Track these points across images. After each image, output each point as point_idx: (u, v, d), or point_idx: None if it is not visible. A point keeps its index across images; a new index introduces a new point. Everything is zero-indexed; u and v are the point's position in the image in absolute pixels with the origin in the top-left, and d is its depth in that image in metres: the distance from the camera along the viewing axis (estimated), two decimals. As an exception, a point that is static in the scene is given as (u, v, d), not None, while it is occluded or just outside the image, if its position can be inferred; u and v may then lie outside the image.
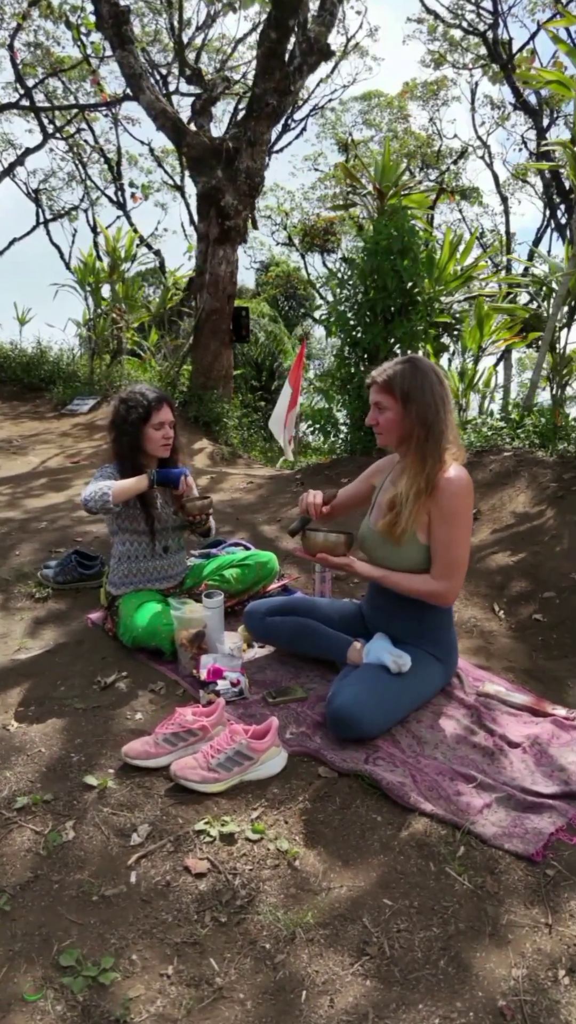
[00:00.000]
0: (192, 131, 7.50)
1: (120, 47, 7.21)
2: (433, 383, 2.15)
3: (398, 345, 5.07)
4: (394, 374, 2.16)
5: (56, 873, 1.61)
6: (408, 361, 2.19)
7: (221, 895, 1.54)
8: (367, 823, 1.77)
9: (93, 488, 2.52)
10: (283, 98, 6.98)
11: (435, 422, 2.14)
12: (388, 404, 2.18)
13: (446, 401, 2.17)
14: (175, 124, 7.42)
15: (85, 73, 13.54)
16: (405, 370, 2.16)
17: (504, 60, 15.09)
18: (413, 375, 2.14)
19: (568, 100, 16.51)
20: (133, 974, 1.37)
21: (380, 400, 2.19)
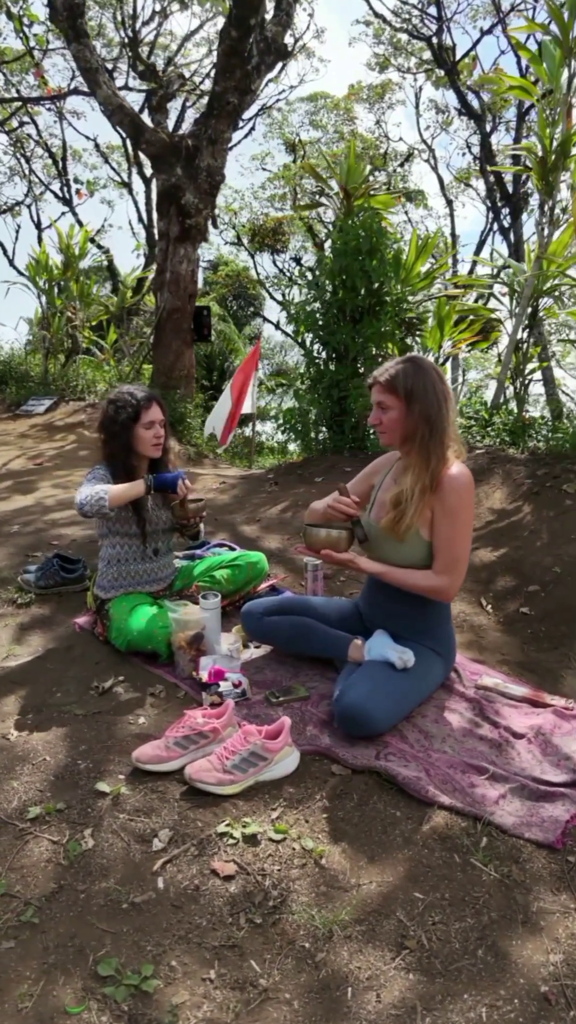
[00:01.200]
0: (150, 128, 7.41)
1: (76, 40, 7.08)
2: (435, 381, 2.19)
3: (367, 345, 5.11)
4: (396, 373, 2.18)
5: (80, 882, 1.58)
6: (409, 360, 2.22)
7: (253, 896, 1.54)
8: (387, 819, 1.78)
9: (89, 492, 2.48)
10: (243, 97, 6.97)
11: (438, 420, 2.17)
12: (391, 403, 2.20)
13: (448, 399, 2.20)
14: (133, 120, 7.33)
15: (27, 66, 13.24)
16: (407, 369, 2.18)
17: (449, 65, 15.36)
18: (416, 374, 2.17)
19: (509, 106, 16.88)
20: (175, 980, 1.35)
21: (383, 400, 2.21)
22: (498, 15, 15.22)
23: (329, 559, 2.30)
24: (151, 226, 16.16)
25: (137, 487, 2.55)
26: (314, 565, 2.87)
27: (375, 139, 19.49)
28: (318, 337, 5.22)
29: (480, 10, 15.78)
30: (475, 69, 16.32)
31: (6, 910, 1.50)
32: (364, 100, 19.42)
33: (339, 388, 5.12)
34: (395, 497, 2.22)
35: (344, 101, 19.59)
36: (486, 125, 16.44)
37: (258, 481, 5.03)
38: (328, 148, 19.06)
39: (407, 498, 2.18)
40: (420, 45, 16.30)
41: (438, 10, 14.91)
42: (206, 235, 7.51)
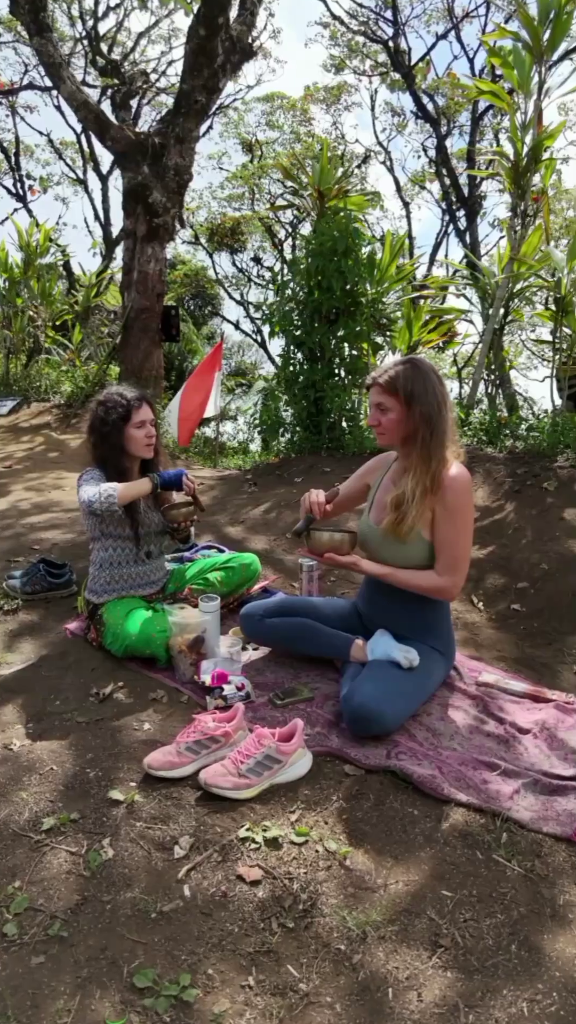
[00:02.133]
0: (116, 125, 7.31)
1: (38, 34, 6.94)
2: (435, 383, 2.20)
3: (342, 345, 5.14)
4: (396, 375, 2.19)
5: (105, 893, 1.55)
6: (409, 362, 2.23)
7: (282, 901, 1.53)
8: (405, 817, 1.79)
9: (95, 490, 2.45)
10: (211, 95, 6.92)
11: (438, 421, 2.18)
12: (391, 405, 2.21)
13: (446, 400, 2.22)
14: (98, 117, 7.21)
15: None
16: (407, 371, 2.19)
17: (405, 68, 15.53)
18: (416, 376, 2.18)
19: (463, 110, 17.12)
20: (214, 989, 1.34)
21: (382, 401, 2.22)
22: (451, 21, 15.45)
23: (332, 562, 2.30)
24: (109, 224, 15.95)
25: (144, 485, 2.53)
26: (309, 566, 2.88)
27: (331, 141, 19.56)
28: (293, 337, 5.21)
29: (434, 15, 15.96)
30: (428, 73, 16.54)
31: (32, 924, 1.47)
32: (321, 101, 19.48)
33: (315, 388, 5.13)
34: (396, 499, 2.23)
35: (301, 102, 19.62)
36: (441, 128, 16.65)
37: (236, 482, 5.01)
38: (285, 148, 19.06)
39: (408, 500, 2.19)
40: (375, 48, 16.42)
41: (394, 14, 15.06)
42: (174, 234, 7.44)
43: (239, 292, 20.75)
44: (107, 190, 16.23)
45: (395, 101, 23.06)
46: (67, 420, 7.38)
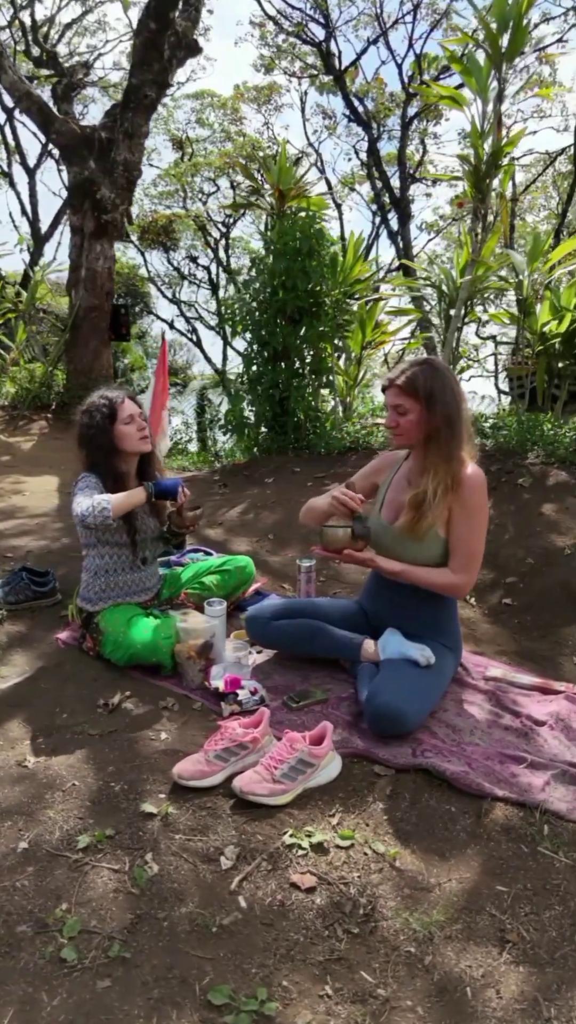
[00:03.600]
0: (60, 118, 7.13)
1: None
2: (452, 382, 2.22)
3: (306, 346, 5.14)
4: (415, 376, 2.19)
5: (159, 910, 1.50)
6: (426, 362, 2.24)
7: (342, 906, 1.52)
8: (444, 815, 1.80)
9: (89, 503, 2.36)
10: (161, 90, 6.82)
11: (457, 420, 2.21)
12: (410, 406, 2.21)
13: (463, 398, 2.25)
14: (42, 109, 7.02)
15: None
16: (425, 371, 2.20)
17: (337, 71, 15.67)
18: (434, 376, 2.19)
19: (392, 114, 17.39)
20: (292, 1000, 1.31)
21: (401, 403, 2.22)
22: (380, 27, 15.68)
23: (351, 559, 2.29)
24: (37, 220, 15.51)
25: (138, 495, 2.46)
26: (307, 567, 2.86)
27: (261, 140, 19.54)
28: (257, 337, 5.19)
29: (362, 20, 16.14)
30: (357, 77, 16.74)
31: (90, 948, 1.41)
32: (252, 101, 19.45)
33: (280, 388, 5.12)
34: (415, 497, 2.24)
35: (232, 101, 19.55)
36: (374, 132, 16.87)
37: (205, 483, 4.95)
38: (216, 147, 18.95)
39: (429, 499, 2.20)
40: (305, 49, 16.49)
41: (325, 17, 15.17)
42: (123, 232, 7.30)
43: (171, 291, 20.52)
44: (34, 184, 15.75)
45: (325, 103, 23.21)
46: (14, 422, 7.15)
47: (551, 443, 4.06)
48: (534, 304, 4.52)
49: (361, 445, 4.86)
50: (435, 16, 15.31)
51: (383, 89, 16.94)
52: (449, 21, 15.28)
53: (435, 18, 15.31)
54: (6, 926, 1.45)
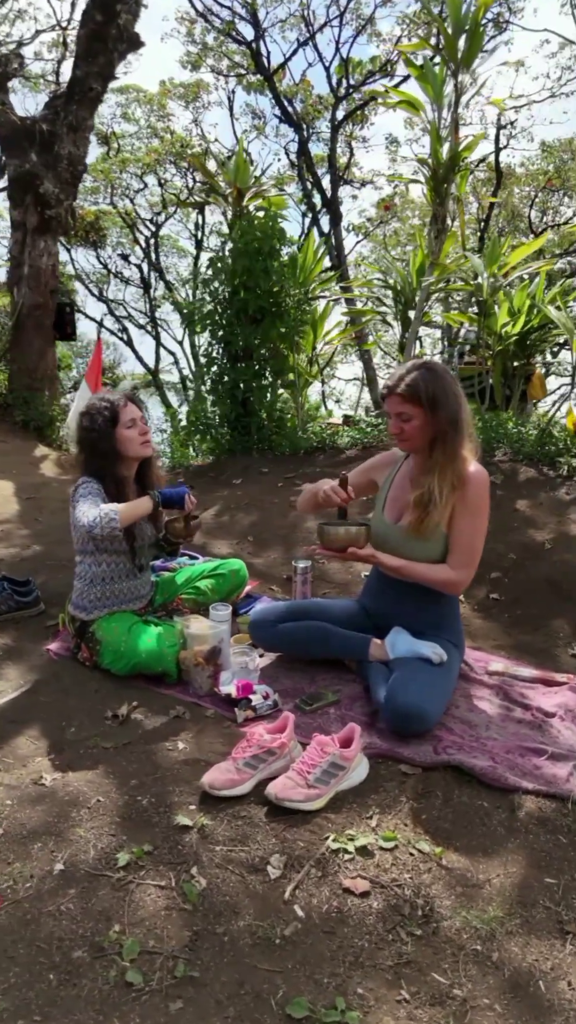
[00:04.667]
0: (-1, 109, 6.88)
1: None
2: (451, 383, 2.24)
3: (268, 346, 5.12)
4: (416, 382, 2.19)
5: (216, 925, 1.47)
6: (424, 367, 2.25)
7: (400, 909, 1.51)
8: (478, 811, 1.82)
9: (96, 513, 2.28)
10: (105, 83, 6.67)
11: (459, 421, 2.23)
12: (413, 413, 2.21)
13: (463, 398, 2.27)
14: (-22, 100, 6.76)
15: None
16: (425, 376, 2.21)
17: (268, 72, 15.68)
18: (435, 380, 2.21)
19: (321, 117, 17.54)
20: (371, 1008, 1.30)
21: (404, 410, 2.22)
22: (308, 29, 15.76)
23: (354, 557, 2.29)
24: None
25: (145, 505, 2.40)
26: (303, 568, 2.85)
27: (189, 138, 19.36)
28: (216, 338, 5.14)
29: (289, 22, 16.19)
30: (284, 78, 16.80)
31: (154, 969, 1.36)
32: (180, 98, 19.24)
33: (242, 389, 5.08)
34: (420, 497, 2.25)
35: (159, 97, 19.29)
36: (304, 132, 16.95)
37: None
38: (143, 143, 18.68)
39: (436, 498, 2.22)
40: (232, 48, 16.42)
41: (254, 17, 15.15)
42: (68, 227, 7.10)
43: (98, 288, 20.10)
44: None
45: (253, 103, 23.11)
46: (-43, 425, 6.87)
47: (516, 441, 4.17)
48: (493, 306, 4.63)
49: (328, 445, 4.88)
50: (360, 22, 15.54)
51: (310, 91, 17.07)
52: (373, 27, 15.56)
53: (360, 23, 15.53)
54: (60, 952, 1.39)
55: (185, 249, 20.52)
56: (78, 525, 2.30)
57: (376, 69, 15.55)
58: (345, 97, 16.11)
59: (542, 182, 15.87)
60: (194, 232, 19.11)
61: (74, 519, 2.38)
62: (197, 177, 17.61)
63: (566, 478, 3.83)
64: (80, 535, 2.49)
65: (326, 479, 2.41)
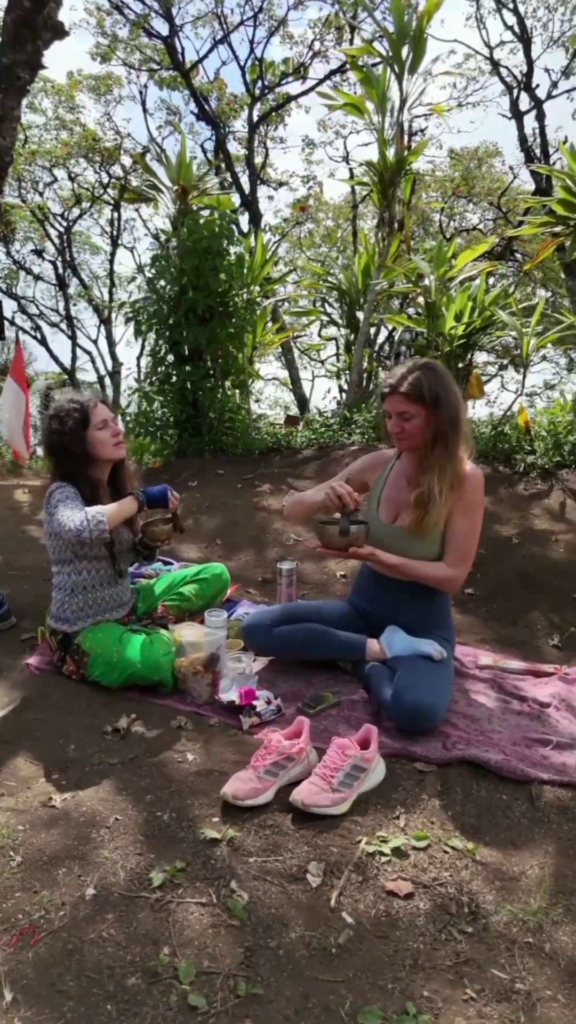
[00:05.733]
0: None
1: None
2: (451, 383, 2.28)
3: (218, 346, 5.06)
4: (419, 382, 2.21)
5: (268, 939, 1.43)
6: (425, 367, 2.27)
7: (447, 908, 1.52)
8: (499, 804, 1.85)
9: (81, 516, 2.20)
10: (34, 72, 6.42)
11: (459, 420, 2.26)
12: (415, 412, 2.23)
13: (461, 398, 2.31)
14: None
15: None
16: (427, 376, 2.23)
17: (185, 68, 15.53)
18: (437, 380, 2.23)
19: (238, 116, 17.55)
20: (441, 1010, 1.30)
21: (407, 409, 2.23)
22: (223, 28, 15.71)
23: (354, 555, 2.29)
24: None
25: (130, 505, 2.33)
26: (288, 570, 2.82)
27: (101, 133, 18.94)
28: (163, 338, 5.05)
29: (205, 19, 16.10)
30: (198, 75, 16.70)
31: (215, 989, 1.32)
32: (91, 90, 18.81)
33: (192, 389, 5.01)
34: (420, 496, 2.26)
35: (68, 88, 18.80)
36: (222, 131, 16.89)
37: (123, 490, 4.74)
38: (52, 135, 18.16)
39: (436, 497, 2.24)
40: (144, 41, 16.16)
41: (168, 13, 14.97)
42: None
43: (6, 284, 19.36)
44: None
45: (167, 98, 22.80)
46: None
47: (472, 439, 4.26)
48: (441, 307, 4.73)
49: (283, 446, 4.87)
50: (273, 23, 15.61)
51: (224, 89, 17.05)
52: (285, 28, 15.67)
53: (273, 24, 15.61)
54: (113, 980, 1.33)
55: (98, 246, 20.09)
56: (63, 531, 2.20)
57: (290, 71, 15.69)
58: (260, 97, 16.15)
59: (449, 188, 16.35)
60: (108, 229, 18.71)
61: (54, 526, 2.28)
62: (112, 172, 17.26)
63: (522, 474, 3.95)
64: (58, 544, 2.40)
65: (329, 483, 2.39)
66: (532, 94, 11.43)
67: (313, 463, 4.47)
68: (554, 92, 11.84)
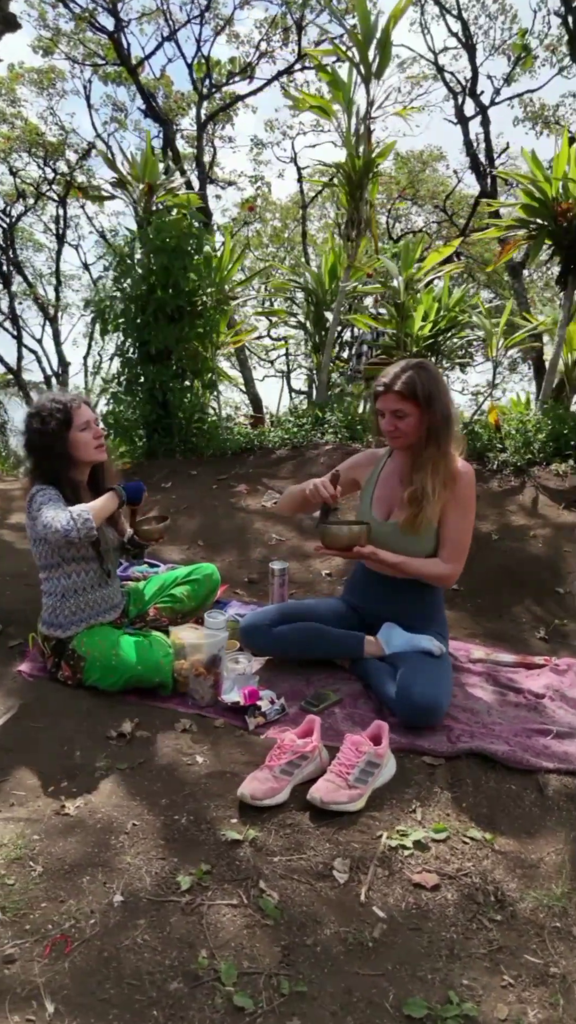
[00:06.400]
0: None
1: None
2: (441, 381, 2.32)
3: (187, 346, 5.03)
4: (412, 381, 2.24)
5: (304, 936, 1.44)
6: (418, 365, 2.30)
7: (473, 897, 1.55)
8: (508, 794, 1.90)
9: (66, 516, 2.16)
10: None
11: (451, 418, 2.30)
12: (409, 410, 2.26)
13: (451, 396, 2.35)
14: None
15: None
16: (421, 375, 2.26)
17: (131, 64, 15.37)
18: (429, 378, 2.27)
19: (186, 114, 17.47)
20: (482, 997, 1.33)
21: (401, 408, 2.26)
22: (169, 25, 15.60)
23: (357, 555, 2.31)
24: None
25: (112, 501, 2.31)
26: (280, 570, 2.83)
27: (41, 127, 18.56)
28: (131, 337, 4.99)
29: (150, 16, 15.97)
30: (143, 72, 16.56)
31: (258, 990, 1.32)
32: (36, 84, 18.45)
33: (162, 390, 4.96)
34: (414, 494, 2.30)
35: (8, 81, 18.40)
36: (172, 128, 16.78)
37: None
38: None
39: (430, 495, 2.27)
40: (89, 35, 15.93)
41: (114, 8, 14.78)
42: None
43: None
44: None
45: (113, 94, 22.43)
46: None
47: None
48: (410, 308, 4.79)
49: (256, 446, 4.86)
50: (219, 21, 15.60)
51: (171, 87, 16.97)
52: (231, 28, 15.67)
53: (219, 23, 15.59)
54: (155, 986, 1.32)
55: (42, 243, 19.74)
56: (50, 532, 2.15)
57: (236, 71, 15.69)
58: (208, 96, 16.11)
59: (395, 191, 16.57)
60: (52, 226, 18.39)
61: (40, 529, 2.22)
62: (57, 168, 16.95)
63: (495, 472, 4.04)
64: (44, 549, 2.36)
65: (313, 479, 2.40)
66: (477, 100, 11.67)
67: (288, 463, 4.48)
68: (497, 99, 12.12)
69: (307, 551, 3.52)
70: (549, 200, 4.47)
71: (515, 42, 12.18)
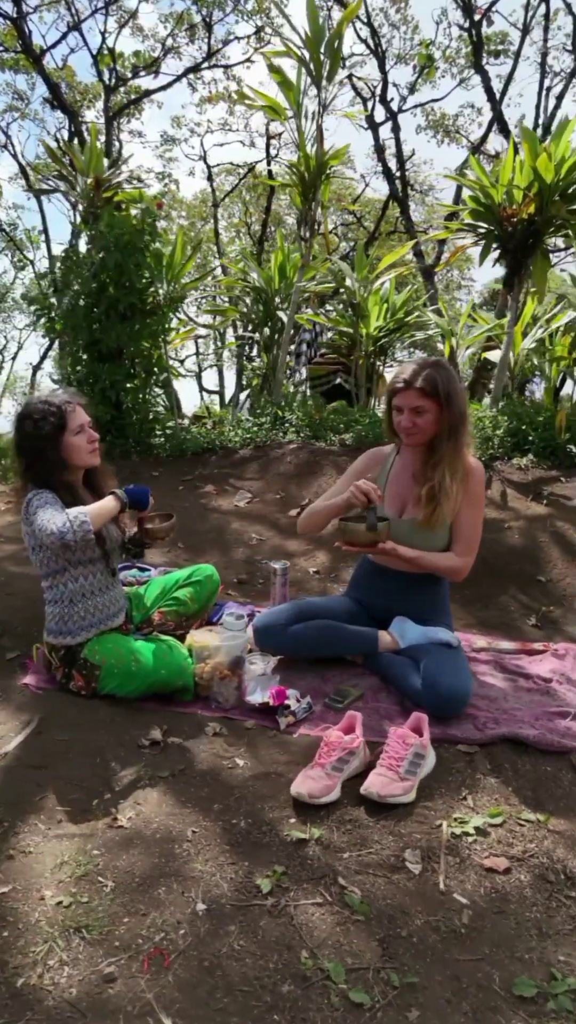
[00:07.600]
0: None
1: None
2: (456, 378, 2.37)
3: (140, 345, 4.93)
4: (432, 378, 2.28)
5: (397, 928, 1.46)
6: (436, 363, 2.35)
7: (545, 876, 1.60)
8: (547, 776, 1.96)
9: (63, 518, 2.08)
10: None
11: (466, 415, 2.36)
12: (428, 407, 2.30)
13: (466, 394, 2.41)
14: None
15: None
16: (440, 372, 2.31)
17: (36, 52, 14.89)
18: (448, 376, 2.32)
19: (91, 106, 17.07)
20: (580, 971, 1.38)
21: (421, 404, 2.30)
22: (73, 16, 15.21)
23: (378, 551, 2.33)
24: None
25: (111, 505, 2.24)
26: (282, 569, 2.82)
27: None
28: (81, 336, 4.85)
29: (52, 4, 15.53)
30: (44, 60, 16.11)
31: (370, 984, 1.32)
32: None
33: (114, 390, 4.85)
34: (431, 490, 2.34)
35: None
36: (78, 120, 16.38)
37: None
38: None
39: (447, 491, 2.33)
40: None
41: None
42: None
43: None
44: None
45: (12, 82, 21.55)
46: None
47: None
48: (365, 308, 4.87)
49: (216, 446, 4.82)
50: (123, 15, 15.39)
51: (74, 77, 16.63)
52: (135, 21, 15.53)
53: (123, 16, 15.38)
54: (267, 990, 1.31)
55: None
56: (45, 534, 2.07)
57: (141, 65, 15.50)
58: (114, 88, 15.85)
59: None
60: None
61: (36, 533, 2.14)
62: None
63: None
64: (45, 556, 2.28)
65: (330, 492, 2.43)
66: (387, 106, 11.95)
67: (254, 463, 4.47)
68: (404, 107, 12.46)
69: (290, 549, 3.53)
70: (495, 205, 4.63)
71: (420, 52, 12.56)
